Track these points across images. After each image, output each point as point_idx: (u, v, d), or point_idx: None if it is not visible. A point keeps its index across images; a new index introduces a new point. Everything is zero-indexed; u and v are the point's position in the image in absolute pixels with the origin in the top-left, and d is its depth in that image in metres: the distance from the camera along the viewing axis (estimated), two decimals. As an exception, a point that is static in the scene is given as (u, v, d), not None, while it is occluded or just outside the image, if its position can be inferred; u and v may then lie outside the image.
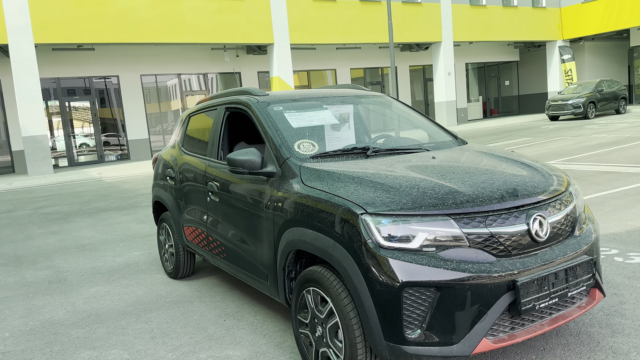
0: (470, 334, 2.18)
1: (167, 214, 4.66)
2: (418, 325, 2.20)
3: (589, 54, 28.18)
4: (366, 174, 2.60)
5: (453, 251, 2.23)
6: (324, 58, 23.15)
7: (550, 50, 27.15)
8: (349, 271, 2.31)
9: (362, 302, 2.27)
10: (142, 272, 5.02)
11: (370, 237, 2.26)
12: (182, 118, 4.72)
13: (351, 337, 2.36)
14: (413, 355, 2.20)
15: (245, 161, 3.01)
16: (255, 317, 3.65)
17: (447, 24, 23.14)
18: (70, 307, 4.20)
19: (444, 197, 2.33)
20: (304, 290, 2.68)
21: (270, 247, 2.98)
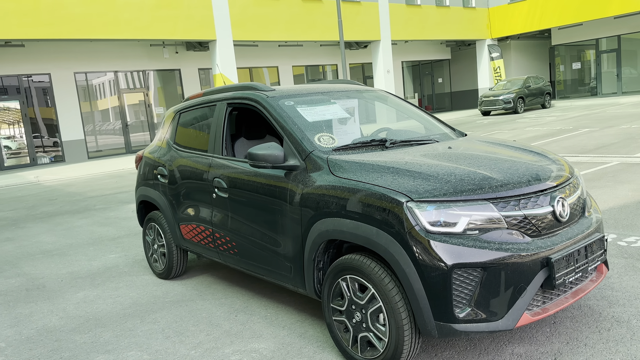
0: (513, 309, 2.36)
1: (156, 213, 4.56)
2: (466, 303, 2.35)
3: (515, 52, 29.85)
4: (398, 163, 2.72)
5: (494, 233, 2.39)
6: (266, 55, 23.07)
7: (479, 49, 28.50)
8: (396, 256, 2.42)
9: (411, 285, 2.39)
10: (127, 275, 4.88)
11: (417, 223, 2.39)
12: (168, 115, 4.63)
13: (397, 319, 2.47)
14: (462, 332, 2.35)
15: (269, 155, 3.04)
16: (267, 310, 3.68)
17: (385, 23, 23.74)
18: (62, 313, 4.03)
19: (480, 183, 2.49)
20: (339, 279, 2.77)
21: (295, 239, 3.03)
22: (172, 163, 4.26)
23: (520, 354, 2.73)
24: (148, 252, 4.79)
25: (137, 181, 4.84)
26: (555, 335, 2.89)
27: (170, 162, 4.28)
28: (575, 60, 28.54)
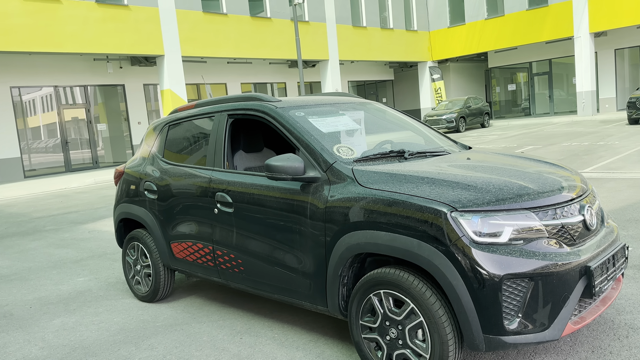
0: (558, 318, 2.35)
1: (139, 231, 4.29)
2: (515, 315, 2.32)
3: (454, 73, 31.09)
4: (431, 173, 2.68)
5: (537, 243, 2.39)
6: (214, 72, 22.75)
7: (421, 70, 29.47)
8: (442, 269, 2.36)
9: (458, 298, 2.33)
10: (104, 299, 4.54)
11: (463, 233, 2.34)
12: (154, 128, 4.39)
13: (441, 334, 2.40)
14: (511, 345, 2.31)
15: (289, 167, 2.92)
16: (273, 331, 3.51)
17: (333, 43, 24.08)
18: (41, 342, 3.67)
19: (519, 193, 2.49)
20: (370, 294, 2.67)
21: (317, 255, 2.91)
22: (162, 178, 4.02)
23: (551, 364, 2.73)
24: (129, 273, 4.48)
25: (117, 198, 4.54)
26: (577, 344, 2.92)
27: (160, 177, 4.04)
28: (509, 82, 30.07)
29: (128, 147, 20.74)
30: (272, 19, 21.74)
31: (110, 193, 12.50)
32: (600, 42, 25.08)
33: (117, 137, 20.72)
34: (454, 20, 28.62)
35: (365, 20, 25.87)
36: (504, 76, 30.23)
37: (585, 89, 23.57)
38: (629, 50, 24.95)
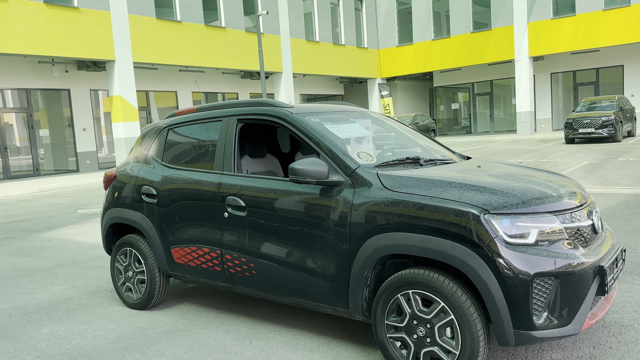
0: (578, 314, 2.54)
1: (132, 237, 4.19)
2: (542, 311, 2.48)
3: (401, 91, 32.06)
4: (456, 178, 2.82)
5: (559, 244, 2.58)
6: (165, 79, 22.32)
7: (371, 87, 30.19)
8: (476, 268, 2.50)
9: (492, 296, 2.47)
10: (90, 307, 4.38)
11: (496, 235, 2.49)
12: (150, 131, 4.31)
13: (473, 331, 2.53)
14: (539, 339, 2.48)
15: (314, 171, 2.98)
16: (281, 335, 3.53)
17: (287, 56, 24.27)
18: (35, 351, 3.50)
19: (541, 197, 2.68)
20: (397, 295, 2.77)
21: (340, 257, 2.98)
22: (163, 182, 3.96)
23: (560, 359, 2.92)
24: (119, 280, 4.34)
25: (107, 203, 4.41)
26: (578, 341, 3.13)
27: (161, 181, 3.98)
28: (453, 101, 31.35)
29: (72, 154, 19.89)
30: (226, 28, 21.65)
31: (59, 202, 11.96)
32: (538, 66, 26.69)
33: (60, 143, 19.85)
34: (403, 40, 29.58)
35: (318, 35, 26.26)
36: (447, 95, 31.50)
37: (525, 110, 24.95)
38: (563, 75, 26.70)
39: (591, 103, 19.62)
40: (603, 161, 12.54)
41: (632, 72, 24.31)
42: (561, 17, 23.93)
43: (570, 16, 23.71)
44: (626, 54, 24.37)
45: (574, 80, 26.34)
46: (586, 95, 25.75)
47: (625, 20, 22.34)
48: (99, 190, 13.75)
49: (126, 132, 18.43)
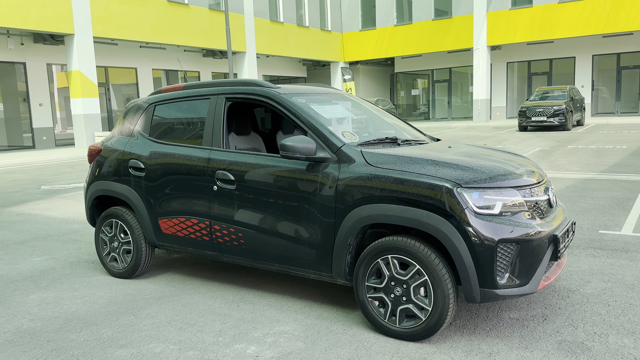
0: (535, 276, 2.93)
1: (118, 209, 4.35)
2: (504, 272, 2.86)
3: (363, 75, 32.45)
4: (432, 156, 3.15)
5: (520, 215, 2.95)
6: (125, 55, 21.85)
7: (334, 70, 30.42)
8: (449, 235, 2.84)
9: (461, 258, 2.82)
10: (75, 276, 4.53)
11: (467, 206, 2.84)
12: (136, 106, 4.45)
13: (444, 290, 2.89)
14: (501, 297, 2.85)
15: (303, 148, 3.25)
16: (266, 299, 3.80)
17: (251, 35, 24.15)
18: (28, 315, 3.66)
19: (505, 174, 3.04)
20: (378, 259, 3.09)
21: (325, 227, 3.27)
22: (151, 156, 4.13)
23: (517, 318, 3.33)
24: (103, 251, 4.50)
25: (92, 176, 4.54)
26: (532, 303, 3.56)
27: (149, 155, 4.14)
28: (412, 87, 32.00)
29: (27, 129, 19.32)
30: (189, 5, 21.35)
31: (19, 178, 11.75)
32: (495, 55, 27.57)
33: (14, 118, 19.24)
34: (366, 24, 29.87)
35: (282, 16, 26.21)
36: (407, 81, 32.13)
37: (481, 97, 25.81)
38: (518, 64, 27.70)
39: (544, 93, 20.56)
40: (554, 148, 13.30)
41: (583, 63, 25.51)
42: (519, 8, 24.77)
43: (527, 7, 24.57)
44: (578, 46, 25.52)
45: (528, 70, 27.38)
46: (540, 84, 26.85)
47: (579, 14, 23.37)
48: (59, 167, 13.53)
49: (85, 109, 18.05)
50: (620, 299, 3.54)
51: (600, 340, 2.96)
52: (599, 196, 7.08)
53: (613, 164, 10.05)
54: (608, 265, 4.26)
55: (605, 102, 25.74)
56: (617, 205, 6.48)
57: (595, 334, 3.04)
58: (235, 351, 3.01)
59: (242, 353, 2.98)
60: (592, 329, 3.12)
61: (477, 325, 3.24)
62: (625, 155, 11.19)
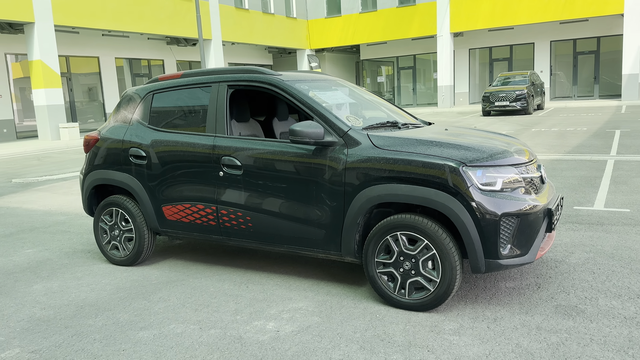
0: (533, 246, 3.17)
1: (119, 197, 4.38)
2: (507, 243, 3.09)
3: (329, 63, 32.55)
4: (434, 138, 3.34)
5: (518, 191, 3.18)
6: (87, 44, 21.27)
7: (300, 57, 30.40)
8: (456, 210, 3.05)
9: (468, 232, 3.03)
10: (74, 266, 4.55)
11: (472, 183, 3.05)
12: (133, 95, 4.47)
13: (451, 262, 3.09)
14: (504, 266, 3.08)
15: (313, 132, 3.38)
16: (273, 280, 3.94)
17: (216, 22, 23.87)
18: (37, 304, 3.69)
19: (502, 153, 3.26)
20: (387, 236, 3.27)
21: (335, 207, 3.42)
22: (153, 145, 4.17)
23: (513, 287, 3.58)
24: (103, 239, 4.53)
25: (89, 166, 4.54)
26: (525, 273, 3.82)
27: (150, 143, 4.19)
28: (378, 74, 32.33)
29: (-14, 122, 18.64)
30: (153, -7, 20.91)
31: (-12, 170, 11.40)
32: (457, 42, 28.13)
33: (-28, 110, 18.52)
34: (331, 12, 29.93)
35: (247, 3, 25.98)
36: (373, 68, 32.43)
37: (445, 84, 26.35)
38: (480, 51, 28.36)
39: (506, 78, 21.19)
40: (518, 131, 13.81)
41: (542, 49, 26.35)
42: (480, -4, 25.30)
43: (488, -5, 25.13)
44: (537, 32, 26.32)
45: (490, 56, 28.08)
46: (501, 70, 27.59)
47: (538, 1, 24.07)
48: (25, 160, 13.19)
49: (48, 99, 17.55)
50: (604, 267, 3.85)
51: (592, 303, 3.24)
52: (568, 175, 7.49)
53: (576, 145, 10.56)
54: (587, 237, 4.58)
55: (562, 87, 26.71)
56: (586, 183, 6.87)
57: (586, 298, 3.32)
58: (256, 327, 3.14)
59: (263, 329, 3.12)
60: (582, 294, 3.40)
61: (478, 295, 3.47)
62: (587, 137, 11.76)
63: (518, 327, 2.98)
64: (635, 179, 6.93)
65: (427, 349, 2.79)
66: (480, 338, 2.88)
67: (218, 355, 2.83)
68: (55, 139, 17.78)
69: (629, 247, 4.24)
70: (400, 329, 3.03)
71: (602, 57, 25.39)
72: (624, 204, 5.64)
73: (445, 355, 2.71)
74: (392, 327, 3.05)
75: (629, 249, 4.21)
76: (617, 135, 11.64)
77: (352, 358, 2.73)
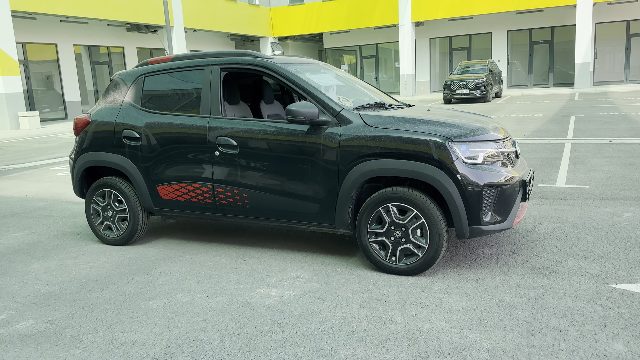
0: (510, 214, 3.51)
1: (111, 179, 4.48)
2: (488, 211, 3.40)
3: (292, 51, 32.58)
4: (421, 117, 3.62)
5: (497, 164, 3.50)
6: (44, 30, 20.63)
7: (263, 45, 30.32)
8: (443, 182, 3.34)
9: (454, 201, 3.33)
10: (68, 246, 4.63)
11: (457, 157, 3.35)
12: (126, 78, 4.55)
13: (439, 229, 3.39)
14: (486, 231, 3.40)
15: (308, 112, 3.60)
16: (268, 254, 4.16)
17: (178, 9, 23.54)
18: (39, 282, 3.79)
19: (482, 130, 3.57)
20: (379, 208, 3.54)
21: (329, 183, 3.66)
22: (147, 126, 4.29)
23: (490, 253, 3.92)
24: (96, 220, 4.63)
25: (80, 148, 4.62)
26: (499, 241, 4.18)
27: (144, 125, 4.31)
28: (341, 63, 32.60)
29: (-61, 110, 17.89)
30: (114, -22, 20.45)
31: (-51, 159, 11.07)
32: (418, 31, 28.69)
33: None
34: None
35: (209, -10, 25.68)
36: (336, 57, 32.67)
37: (407, 72, 26.88)
38: (440, 40, 29.03)
39: (465, 67, 21.85)
40: (480, 117, 14.35)
41: (499, 39, 27.21)
42: (440, -14, 25.86)
43: (448, -15, 25.71)
44: (495, 22, 27.14)
45: (449, 45, 28.78)
46: (460, 59, 28.34)
47: (494, -8, 24.80)
48: (-12, 149, 12.84)
49: (6, 87, 17.02)
50: (570, 235, 4.24)
51: (562, 265, 3.61)
52: (530, 157, 7.96)
53: (535, 130, 11.14)
54: (553, 210, 4.99)
55: (518, 75, 27.69)
56: (547, 164, 7.35)
57: (557, 261, 3.69)
58: (260, 294, 3.37)
59: (267, 294, 3.35)
60: (553, 257, 3.77)
61: (460, 260, 3.80)
62: (544, 122, 12.39)
63: (499, 286, 3.31)
64: (591, 159, 7.46)
65: (420, 305, 3.08)
66: (466, 295, 3.19)
67: (229, 318, 3.05)
68: (15, 128, 17.29)
69: (591, 218, 4.66)
70: (394, 290, 3.31)
71: (556, 47, 26.45)
72: (583, 182, 6.11)
73: (437, 310, 3.01)
74: (386, 289, 3.33)
75: (591, 219, 4.63)
76: (573, 121, 12.32)
77: (354, 315, 2.99)
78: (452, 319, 2.89)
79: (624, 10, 24.58)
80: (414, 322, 2.87)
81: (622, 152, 7.81)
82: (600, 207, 4.98)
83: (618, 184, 5.89)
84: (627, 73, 25.15)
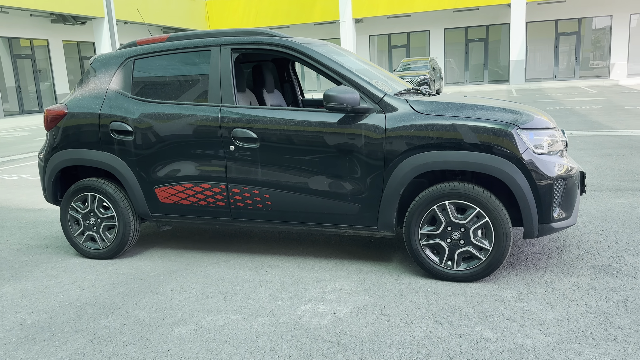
0: (574, 208, 3.20)
1: (95, 181, 3.77)
2: (557, 206, 3.08)
3: (229, 46, 31.54)
4: (474, 102, 3.23)
5: (559, 154, 3.18)
6: (-43, 19, 18.52)
7: (199, 40, 29.08)
8: (512, 175, 2.97)
9: (524, 196, 2.97)
10: (39, 263, 3.86)
11: (527, 147, 2.99)
12: (110, 62, 3.83)
13: (505, 228, 3.02)
14: (555, 229, 3.07)
15: (350, 98, 3.11)
16: (290, 263, 3.62)
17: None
18: (22, 309, 3.05)
19: (538, 117, 3.23)
20: (433, 206, 3.12)
21: (373, 179, 3.19)
22: (141, 118, 3.62)
23: (538, 252, 3.61)
24: (75, 230, 3.88)
25: (53, 145, 3.85)
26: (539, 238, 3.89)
27: (138, 117, 3.63)
28: (279, 59, 31.96)
29: None
30: (37, -37, 18.72)
31: None
32: (358, 28, 28.63)
33: None
34: (231, -8, 28.96)
35: (142, -20, 24.25)
36: (273, 52, 31.97)
37: (349, 68, 26.68)
38: (379, 37, 29.15)
39: (407, 64, 21.95)
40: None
41: (436, 36, 27.70)
42: (380, -17, 25.91)
43: (387, -18, 25.81)
44: (432, 20, 27.58)
45: (388, 42, 28.96)
46: (399, 57, 28.60)
47: (433, -10, 25.18)
48: None
49: None
50: (605, 229, 4.02)
51: (621, 261, 3.35)
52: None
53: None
54: (569, 203, 4.80)
55: (454, 73, 28.33)
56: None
57: (613, 257, 3.43)
58: (307, 312, 2.84)
59: (316, 312, 2.83)
60: (605, 253, 3.51)
61: (512, 262, 3.45)
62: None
63: (574, 289, 2.99)
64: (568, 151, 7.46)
65: (504, 317, 2.69)
66: (547, 302, 2.84)
67: (286, 345, 2.51)
68: None
69: (613, 210, 4.49)
70: (463, 300, 2.91)
71: (490, 45, 27.30)
72: (579, 173, 6.01)
73: (528, 323, 2.63)
74: (453, 300, 2.92)
75: (614, 211, 4.46)
76: (527, 115, 12.52)
77: (436, 334, 2.55)
78: (552, 332, 2.52)
79: (553, 10, 25.76)
80: (512, 339, 2.47)
81: (591, 145, 7.88)
82: (613, 199, 4.84)
83: (612, 175, 5.83)
84: (556, 70, 26.39)
